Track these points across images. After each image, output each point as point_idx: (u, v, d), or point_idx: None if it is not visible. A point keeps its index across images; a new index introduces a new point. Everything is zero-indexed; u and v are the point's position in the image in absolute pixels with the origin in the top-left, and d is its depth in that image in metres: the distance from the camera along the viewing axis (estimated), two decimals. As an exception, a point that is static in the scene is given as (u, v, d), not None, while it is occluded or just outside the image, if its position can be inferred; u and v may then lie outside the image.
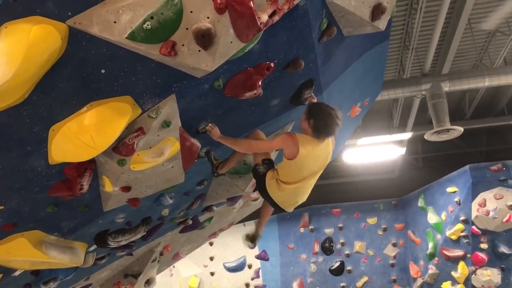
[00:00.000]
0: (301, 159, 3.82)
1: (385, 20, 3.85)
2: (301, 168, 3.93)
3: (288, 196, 4.13)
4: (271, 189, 4.08)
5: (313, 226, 13.94)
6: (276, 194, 4.08)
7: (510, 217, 10.22)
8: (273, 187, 4.05)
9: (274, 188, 4.05)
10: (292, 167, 3.90)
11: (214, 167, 4.61)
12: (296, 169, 3.92)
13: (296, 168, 3.91)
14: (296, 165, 3.87)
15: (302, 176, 3.99)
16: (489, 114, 14.04)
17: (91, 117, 2.85)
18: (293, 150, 3.80)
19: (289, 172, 3.95)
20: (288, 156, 3.88)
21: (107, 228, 4.62)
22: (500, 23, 9.74)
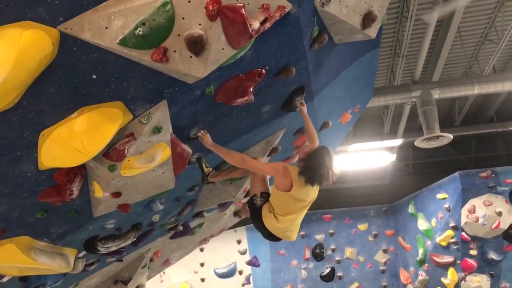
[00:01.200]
0: (295, 192, 3.90)
1: (376, 28, 3.88)
2: (296, 200, 3.99)
3: (285, 228, 4.14)
4: (269, 222, 4.09)
5: (304, 232, 13.94)
6: (274, 226, 4.09)
7: (499, 223, 10.30)
8: (271, 220, 4.06)
9: (272, 221, 4.07)
10: (286, 198, 3.95)
11: (205, 175, 4.59)
12: (291, 200, 3.97)
13: (291, 200, 3.96)
14: (291, 197, 3.93)
15: (297, 207, 4.06)
16: (479, 121, 14.18)
17: (81, 122, 2.84)
18: (285, 183, 3.88)
19: (284, 203, 3.99)
20: (279, 188, 3.93)
21: (97, 234, 4.59)
22: (490, 32, 9.86)
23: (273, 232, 4.13)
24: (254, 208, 4.21)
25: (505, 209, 10.33)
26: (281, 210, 4.02)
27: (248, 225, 13.89)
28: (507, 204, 10.37)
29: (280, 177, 3.90)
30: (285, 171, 3.90)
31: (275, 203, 4.05)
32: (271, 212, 4.06)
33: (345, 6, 3.49)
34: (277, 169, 3.96)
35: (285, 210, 4.01)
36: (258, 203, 4.19)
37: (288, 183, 3.88)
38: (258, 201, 4.20)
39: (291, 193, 3.90)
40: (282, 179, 3.89)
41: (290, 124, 4.98)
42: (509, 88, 9.99)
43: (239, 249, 14.16)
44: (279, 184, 3.93)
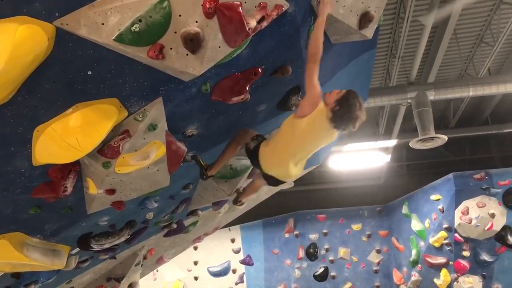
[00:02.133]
0: (308, 122, 3.57)
1: (373, 29, 3.89)
2: (294, 132, 3.67)
3: (277, 162, 3.87)
4: (263, 158, 3.89)
5: (298, 231, 13.96)
6: (266, 161, 3.88)
7: (492, 225, 10.35)
8: (264, 154, 3.88)
9: (265, 155, 3.87)
10: (294, 127, 3.65)
11: (203, 169, 4.48)
12: (299, 131, 3.63)
13: (299, 130, 3.62)
14: (299, 127, 3.61)
15: (296, 144, 3.74)
16: (473, 123, 14.23)
17: (76, 118, 2.83)
18: (306, 109, 3.55)
19: (290, 133, 3.70)
20: (297, 112, 3.63)
21: (90, 231, 4.58)
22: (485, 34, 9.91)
23: (267, 171, 3.92)
24: (250, 152, 4.03)
25: (498, 211, 10.38)
26: (280, 140, 3.77)
27: (243, 224, 13.90)
28: (500, 206, 10.43)
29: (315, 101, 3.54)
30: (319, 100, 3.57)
31: (280, 135, 3.80)
32: (266, 146, 3.88)
33: (342, 6, 3.50)
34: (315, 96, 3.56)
35: (285, 142, 3.73)
36: (252, 145, 4.01)
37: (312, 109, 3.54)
38: (251, 145, 4.03)
39: (310, 116, 3.55)
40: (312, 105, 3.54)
41: (285, 124, 4.98)
42: (503, 90, 10.02)
43: (233, 248, 14.17)
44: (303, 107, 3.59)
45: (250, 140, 4.08)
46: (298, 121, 3.62)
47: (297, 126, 3.63)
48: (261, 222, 14.25)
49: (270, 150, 3.86)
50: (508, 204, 10.44)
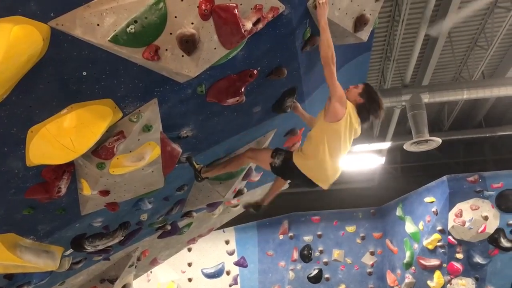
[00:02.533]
0: (344, 121, 3.69)
1: (368, 32, 3.91)
2: (341, 134, 3.75)
3: (318, 166, 3.88)
4: (300, 163, 3.89)
5: (292, 233, 13.96)
6: (305, 165, 3.88)
7: (485, 227, 10.41)
8: (301, 159, 3.89)
9: (302, 161, 3.88)
10: (331, 132, 3.74)
11: (197, 171, 4.52)
12: (338, 133, 3.73)
13: (338, 133, 3.73)
14: (339, 128, 3.71)
15: (339, 146, 3.82)
16: (467, 126, 14.31)
17: (71, 119, 2.81)
18: (341, 110, 3.66)
19: (328, 138, 3.75)
20: (331, 117, 3.69)
21: (84, 232, 4.56)
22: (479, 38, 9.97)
23: (306, 173, 3.91)
24: (282, 166, 4.01)
25: (491, 213, 10.45)
26: (315, 146, 3.79)
27: (237, 226, 13.89)
28: (493, 209, 10.49)
29: (343, 101, 3.67)
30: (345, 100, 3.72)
31: (314, 140, 3.82)
32: (299, 153, 3.91)
33: (338, 9, 3.51)
34: (343, 96, 3.70)
35: (320, 147, 3.77)
36: (278, 162, 4.02)
37: (343, 110, 3.67)
38: (276, 162, 4.03)
39: (344, 119, 3.69)
40: (342, 105, 3.67)
41: (281, 125, 4.98)
42: (497, 93, 10.11)
43: (227, 250, 14.15)
44: (334, 113, 3.67)
45: (272, 158, 4.07)
46: (336, 125, 3.71)
47: (338, 128, 3.73)
48: (255, 223, 14.25)
49: (318, 160, 3.82)
50: (501, 206, 10.51)
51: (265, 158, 4.18)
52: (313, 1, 3.35)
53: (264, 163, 4.22)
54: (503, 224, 10.46)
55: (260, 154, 4.38)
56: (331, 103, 3.67)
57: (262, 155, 4.31)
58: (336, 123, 3.70)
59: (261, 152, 4.42)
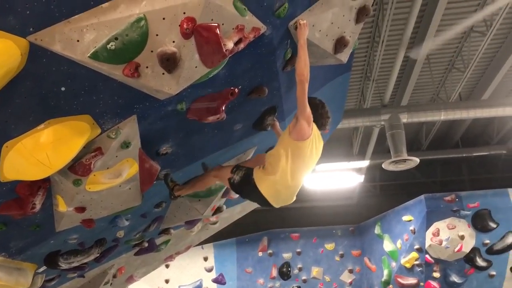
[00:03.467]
0: (309, 142, 3.69)
1: (347, 53, 3.97)
2: (306, 154, 3.72)
3: (275, 183, 3.77)
4: (259, 178, 3.78)
5: (271, 250, 13.90)
6: (263, 181, 3.77)
7: (462, 247, 10.54)
8: (261, 174, 3.79)
9: (262, 175, 3.78)
10: (296, 150, 3.68)
11: (170, 189, 4.43)
12: (303, 153, 3.70)
13: (303, 152, 3.70)
14: (304, 147, 3.68)
15: (302, 165, 3.77)
16: (444, 146, 14.56)
17: (47, 135, 2.77)
18: (308, 130, 3.65)
19: (292, 155, 3.68)
20: (297, 135, 3.65)
21: (58, 248, 4.46)
22: (457, 60, 10.21)
23: (263, 193, 3.80)
24: (241, 182, 3.89)
25: (467, 233, 10.59)
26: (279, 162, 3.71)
27: (216, 242, 13.77)
28: (469, 228, 10.64)
29: (308, 121, 3.66)
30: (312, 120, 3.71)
31: (276, 157, 3.74)
32: (261, 169, 3.80)
33: (318, 30, 3.56)
34: (311, 116, 3.69)
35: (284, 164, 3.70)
36: (237, 178, 3.89)
37: (310, 130, 3.67)
38: (235, 178, 3.91)
39: (310, 138, 3.68)
40: (308, 126, 3.66)
41: (261, 143, 4.99)
42: (473, 115, 10.34)
43: (206, 266, 13.98)
44: (302, 132, 3.64)
45: (231, 173, 3.95)
46: (302, 143, 3.68)
47: (302, 147, 3.69)
48: (234, 240, 14.14)
49: (278, 177, 3.73)
50: (477, 226, 10.67)
51: (225, 175, 4.04)
52: (294, 22, 3.40)
53: (225, 180, 4.06)
54: (478, 243, 10.61)
55: (222, 171, 4.17)
56: (299, 121, 3.63)
57: (223, 172, 4.13)
58: (302, 142, 3.67)
59: (223, 169, 4.20)
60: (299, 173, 3.81)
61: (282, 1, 3.17)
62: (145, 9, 2.54)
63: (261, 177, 3.78)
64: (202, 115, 3.64)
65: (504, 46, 9.66)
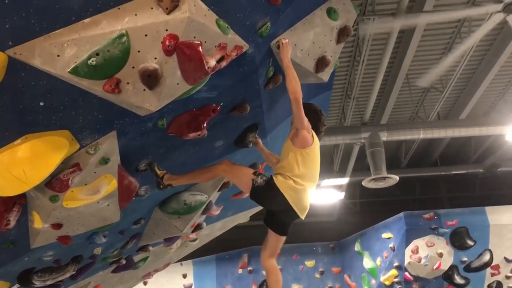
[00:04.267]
0: (314, 146, 3.88)
1: (329, 72, 4.03)
2: (314, 158, 3.93)
3: (300, 195, 3.87)
4: (285, 189, 3.77)
5: (251, 267, 13.78)
6: (287, 188, 3.77)
7: (440, 264, 10.64)
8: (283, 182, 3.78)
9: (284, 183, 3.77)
10: (305, 156, 3.82)
11: (159, 178, 4.18)
12: (311, 157, 3.88)
13: (311, 156, 3.88)
14: (311, 152, 3.86)
15: (314, 168, 3.96)
16: (423, 164, 14.76)
17: (24, 150, 2.72)
18: (310, 138, 3.82)
19: (303, 162, 3.81)
20: (301, 144, 3.79)
21: (33, 266, 4.34)
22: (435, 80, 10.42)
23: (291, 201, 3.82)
24: (263, 187, 3.79)
25: (446, 250, 10.70)
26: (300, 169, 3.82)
27: (195, 259, 13.60)
28: (447, 246, 10.76)
29: (309, 130, 3.82)
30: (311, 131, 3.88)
31: (293, 166, 3.80)
32: (286, 179, 3.79)
33: (300, 50, 3.60)
34: (310, 126, 3.84)
35: (304, 170, 3.83)
36: (261, 181, 3.81)
37: (310, 136, 3.83)
38: (260, 180, 3.82)
39: (314, 142, 3.87)
40: (309, 136, 3.82)
41: (242, 160, 4.97)
42: (451, 134, 10.54)
43: (185, 284, 13.77)
44: (305, 140, 3.79)
45: (254, 175, 3.86)
46: (309, 149, 3.84)
47: (310, 153, 3.86)
48: (214, 257, 13.99)
49: (298, 183, 3.81)
50: (455, 244, 10.79)
51: (245, 175, 3.93)
52: (276, 41, 3.43)
53: (243, 180, 3.94)
54: (456, 261, 10.73)
55: (239, 169, 4.07)
56: (300, 133, 3.75)
57: (241, 170, 4.04)
58: (308, 148, 3.82)
59: (240, 168, 4.09)
60: (314, 175, 4.02)
61: (264, 20, 3.20)
62: (127, 25, 2.54)
63: (283, 182, 3.79)
64: (183, 132, 3.62)
65: (480, 67, 9.90)
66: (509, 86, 10.95)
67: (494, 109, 11.84)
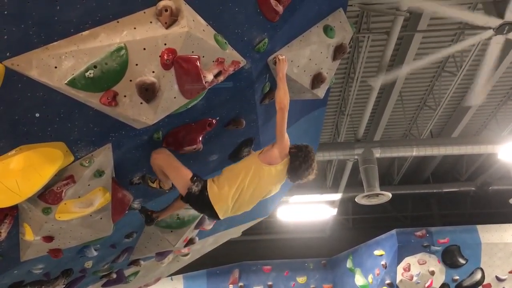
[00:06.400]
0: (273, 169, 3.56)
1: (324, 89, 4.05)
2: (261, 174, 3.56)
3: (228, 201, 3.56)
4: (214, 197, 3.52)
5: (242, 283, 13.64)
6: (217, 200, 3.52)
7: (432, 282, 10.59)
8: (215, 193, 3.53)
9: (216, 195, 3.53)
10: (257, 167, 3.54)
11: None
12: (259, 172, 3.54)
13: (259, 171, 3.54)
14: (262, 168, 3.54)
15: (253, 184, 3.58)
16: (416, 181, 14.81)
17: (18, 161, 2.70)
18: (276, 159, 3.56)
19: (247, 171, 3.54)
20: (265, 159, 3.55)
21: (22, 279, 4.28)
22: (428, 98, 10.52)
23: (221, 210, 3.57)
24: (197, 195, 3.53)
25: (437, 268, 10.67)
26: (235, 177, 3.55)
27: (186, 274, 13.47)
28: (439, 264, 10.72)
29: (283, 153, 3.58)
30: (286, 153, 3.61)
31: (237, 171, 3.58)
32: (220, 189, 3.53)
33: (297, 66, 3.63)
34: (286, 147, 3.61)
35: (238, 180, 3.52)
36: (197, 188, 3.53)
37: (279, 160, 3.57)
38: (196, 188, 3.53)
39: (272, 167, 3.55)
40: (281, 155, 3.57)
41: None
42: (444, 152, 10.61)
43: (174, 299, 13.62)
44: (273, 156, 3.55)
45: (191, 182, 3.55)
46: (266, 167, 3.55)
47: (265, 171, 3.55)
48: (205, 272, 13.85)
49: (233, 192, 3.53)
50: (446, 262, 10.76)
51: (182, 179, 3.61)
52: (273, 58, 3.46)
53: (179, 182, 3.64)
54: (448, 279, 10.69)
55: (177, 170, 3.65)
56: (272, 148, 3.58)
57: (180, 170, 3.63)
58: (265, 165, 3.54)
59: (180, 167, 3.65)
60: (253, 194, 3.65)
61: (262, 37, 3.23)
62: (125, 38, 2.55)
63: (215, 193, 3.52)
64: (178, 145, 3.62)
65: (473, 86, 9.99)
66: (501, 106, 11.08)
67: (486, 128, 11.95)
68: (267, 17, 3.18)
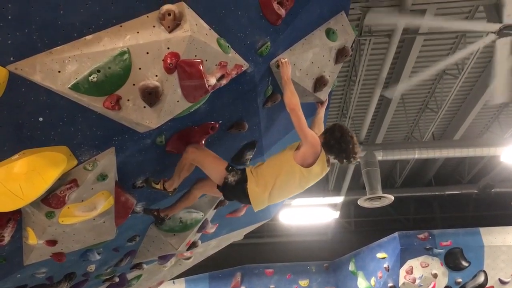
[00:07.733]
0: (311, 169, 3.54)
1: (327, 92, 4.05)
2: (304, 177, 3.60)
3: (264, 198, 3.64)
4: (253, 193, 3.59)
5: (244, 286, 13.61)
6: (255, 196, 3.61)
7: (435, 285, 10.56)
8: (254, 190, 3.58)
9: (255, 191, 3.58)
10: (302, 174, 3.55)
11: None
12: (298, 175, 3.56)
13: (298, 174, 3.55)
14: (304, 175, 3.56)
15: (286, 183, 3.62)
16: (418, 184, 14.78)
17: (21, 165, 2.70)
18: (310, 158, 3.51)
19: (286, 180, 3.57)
20: (299, 160, 3.50)
21: (25, 283, 4.28)
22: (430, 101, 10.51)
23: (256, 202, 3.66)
24: (234, 187, 3.59)
25: (440, 271, 10.64)
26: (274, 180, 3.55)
27: (188, 277, 13.45)
28: (442, 266, 10.70)
29: (315, 152, 3.50)
30: (320, 146, 3.54)
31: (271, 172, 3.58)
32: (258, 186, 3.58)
33: (299, 69, 3.63)
34: (316, 145, 3.52)
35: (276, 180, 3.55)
36: (234, 178, 3.58)
37: (313, 160, 3.51)
38: (232, 178, 3.59)
39: (311, 169, 3.54)
40: (313, 155, 3.50)
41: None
42: (446, 155, 10.58)
43: (177, 302, 13.59)
44: (304, 157, 3.49)
45: (226, 171, 3.61)
46: (306, 170, 3.54)
47: (305, 173, 3.56)
48: (207, 275, 13.83)
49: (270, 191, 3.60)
50: (449, 264, 10.74)
51: (217, 169, 3.68)
52: (275, 61, 3.46)
53: (214, 174, 3.70)
54: (451, 282, 10.66)
55: (211, 161, 3.70)
56: (301, 148, 3.51)
57: (213, 163, 3.70)
58: (307, 169, 3.54)
59: (212, 159, 3.71)
60: (286, 191, 3.74)
61: (264, 40, 3.23)
62: (129, 42, 2.55)
63: (254, 190, 3.58)
64: (182, 149, 3.62)
65: (474, 89, 10.01)
66: (503, 108, 11.06)
67: (488, 130, 11.93)
68: (269, 20, 3.19)
